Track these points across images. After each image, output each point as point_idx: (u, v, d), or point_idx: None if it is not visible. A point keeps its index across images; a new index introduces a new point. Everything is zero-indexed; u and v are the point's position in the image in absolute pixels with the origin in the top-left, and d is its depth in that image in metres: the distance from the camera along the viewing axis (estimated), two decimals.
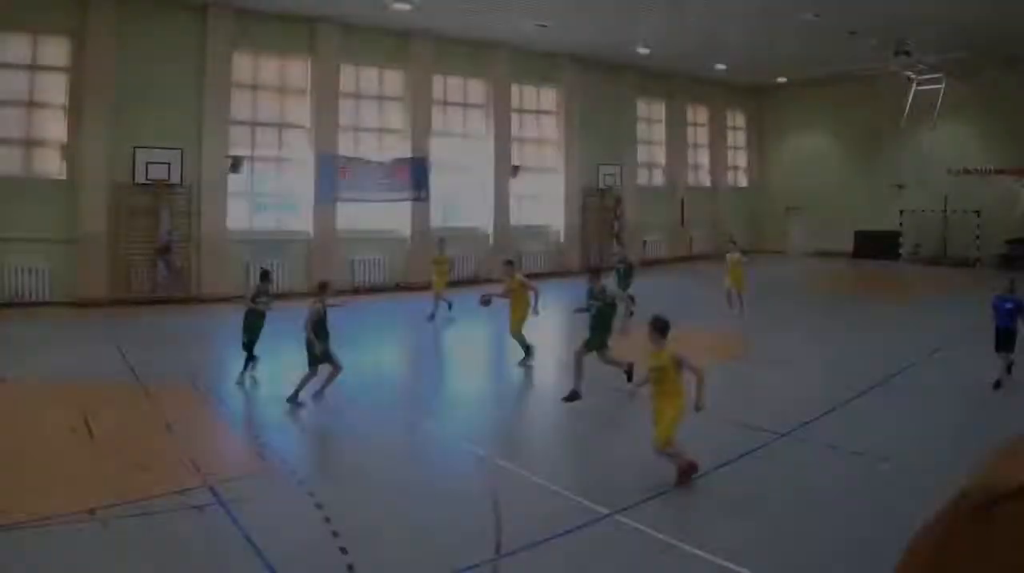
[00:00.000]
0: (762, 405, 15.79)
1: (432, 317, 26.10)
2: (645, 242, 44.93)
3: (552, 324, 24.02)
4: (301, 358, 15.54)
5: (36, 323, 24.09)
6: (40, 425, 13.52)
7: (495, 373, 20.39)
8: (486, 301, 19.39)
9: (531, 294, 19.28)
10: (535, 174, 40.30)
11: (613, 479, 11.44)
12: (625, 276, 26.37)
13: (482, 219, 37.87)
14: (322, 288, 16.31)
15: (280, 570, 8.44)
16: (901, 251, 45.20)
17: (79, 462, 11.82)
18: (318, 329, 15.65)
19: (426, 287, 33.19)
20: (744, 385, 18.14)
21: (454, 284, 34.89)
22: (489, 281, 35.25)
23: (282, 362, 18.08)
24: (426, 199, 34.83)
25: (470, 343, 22.28)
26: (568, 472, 12.09)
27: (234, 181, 30.24)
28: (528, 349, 19.14)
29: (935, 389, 16.58)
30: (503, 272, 20.50)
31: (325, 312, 15.76)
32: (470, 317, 24.35)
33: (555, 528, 9.61)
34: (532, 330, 19.62)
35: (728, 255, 27.10)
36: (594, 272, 17.33)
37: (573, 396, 15.63)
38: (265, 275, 18.34)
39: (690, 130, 49.45)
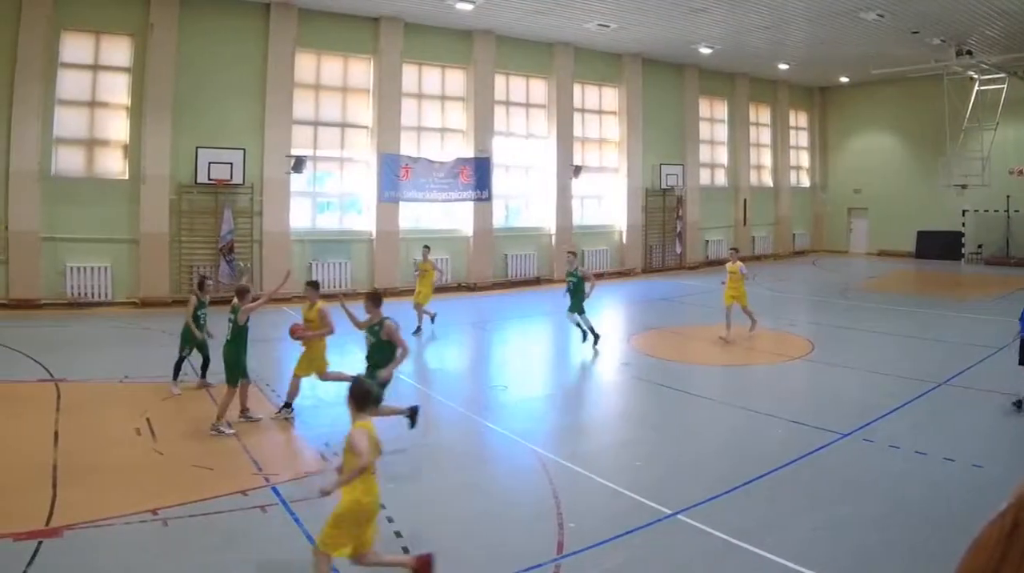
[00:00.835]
0: (825, 405, 15.78)
1: (418, 330, 23.76)
2: (707, 242, 44.64)
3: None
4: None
5: (98, 323, 24.18)
6: (104, 425, 13.52)
7: (546, 374, 20.16)
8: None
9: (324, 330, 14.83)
10: (597, 174, 40.09)
11: (673, 479, 11.52)
12: (576, 292, 21.48)
13: (544, 219, 37.68)
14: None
15: (343, 570, 8.35)
16: (963, 251, 45.05)
17: (142, 462, 11.80)
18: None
19: (488, 287, 33.26)
20: (807, 385, 18.28)
21: (515, 285, 34.92)
22: (551, 281, 35.24)
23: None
24: (488, 199, 34.68)
25: (518, 344, 22.01)
26: (628, 472, 11.99)
27: (296, 181, 30.23)
28: (289, 403, 14.97)
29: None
30: (306, 294, 15.63)
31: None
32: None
33: (617, 528, 9.68)
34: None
35: (728, 265, 23.24)
36: (373, 298, 13.42)
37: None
38: (201, 284, 17.16)
39: (752, 130, 48.94)
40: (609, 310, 30.02)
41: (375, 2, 30.13)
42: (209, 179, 28.00)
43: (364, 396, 8.14)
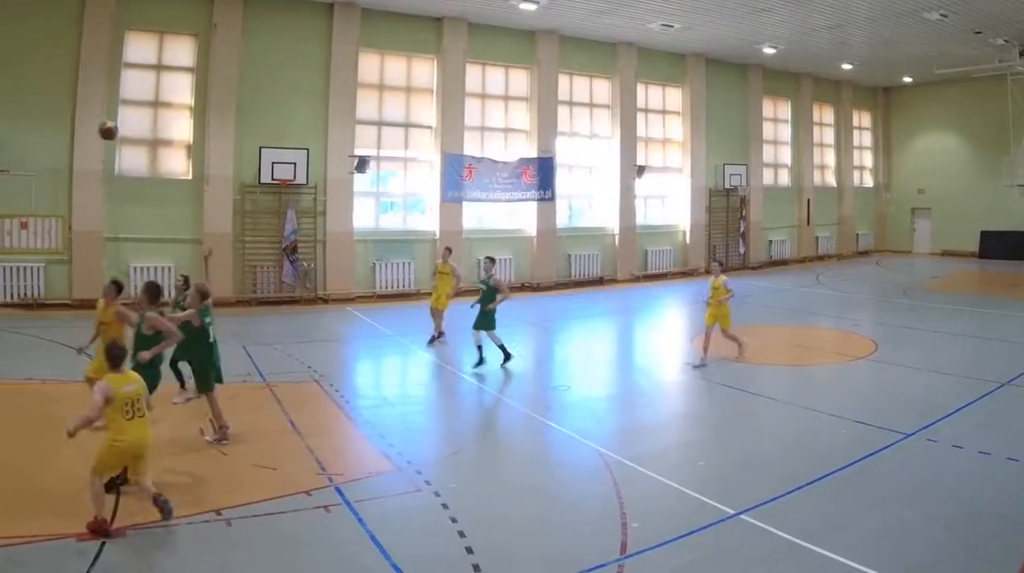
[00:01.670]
0: (888, 405, 15.57)
1: (439, 338, 21.87)
2: (771, 242, 44.34)
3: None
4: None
5: None
6: (166, 425, 13.49)
7: (609, 374, 20.15)
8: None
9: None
10: (660, 174, 39.89)
11: (736, 479, 11.46)
12: (485, 302, 19.15)
13: (607, 219, 37.56)
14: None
15: (406, 570, 8.39)
16: None
17: (205, 462, 11.81)
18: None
19: (551, 287, 33.19)
20: (870, 385, 18.08)
21: (579, 285, 34.81)
22: (614, 281, 35.18)
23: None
24: (551, 199, 34.60)
25: (580, 344, 21.77)
26: (691, 472, 11.93)
27: (360, 181, 30.29)
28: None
29: None
30: (105, 292, 13.94)
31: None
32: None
33: (681, 528, 9.65)
34: None
35: (711, 280, 19.91)
36: (149, 291, 12.34)
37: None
38: (186, 282, 16.20)
39: (816, 130, 48.49)
40: (672, 310, 29.96)
41: (438, 2, 30.18)
42: (273, 179, 28.19)
43: (118, 355, 9.75)
